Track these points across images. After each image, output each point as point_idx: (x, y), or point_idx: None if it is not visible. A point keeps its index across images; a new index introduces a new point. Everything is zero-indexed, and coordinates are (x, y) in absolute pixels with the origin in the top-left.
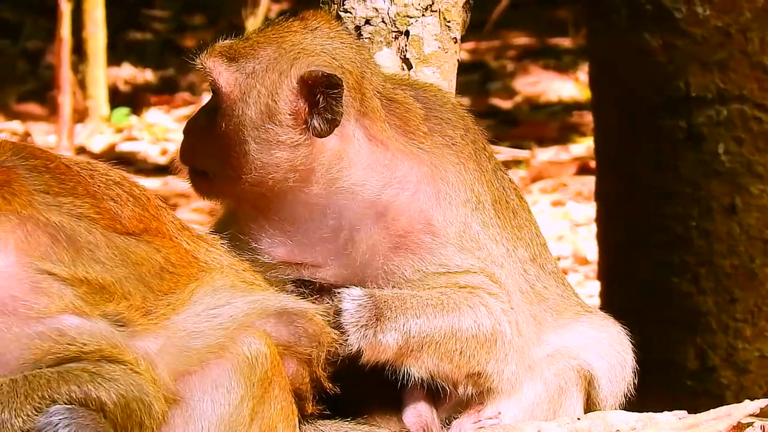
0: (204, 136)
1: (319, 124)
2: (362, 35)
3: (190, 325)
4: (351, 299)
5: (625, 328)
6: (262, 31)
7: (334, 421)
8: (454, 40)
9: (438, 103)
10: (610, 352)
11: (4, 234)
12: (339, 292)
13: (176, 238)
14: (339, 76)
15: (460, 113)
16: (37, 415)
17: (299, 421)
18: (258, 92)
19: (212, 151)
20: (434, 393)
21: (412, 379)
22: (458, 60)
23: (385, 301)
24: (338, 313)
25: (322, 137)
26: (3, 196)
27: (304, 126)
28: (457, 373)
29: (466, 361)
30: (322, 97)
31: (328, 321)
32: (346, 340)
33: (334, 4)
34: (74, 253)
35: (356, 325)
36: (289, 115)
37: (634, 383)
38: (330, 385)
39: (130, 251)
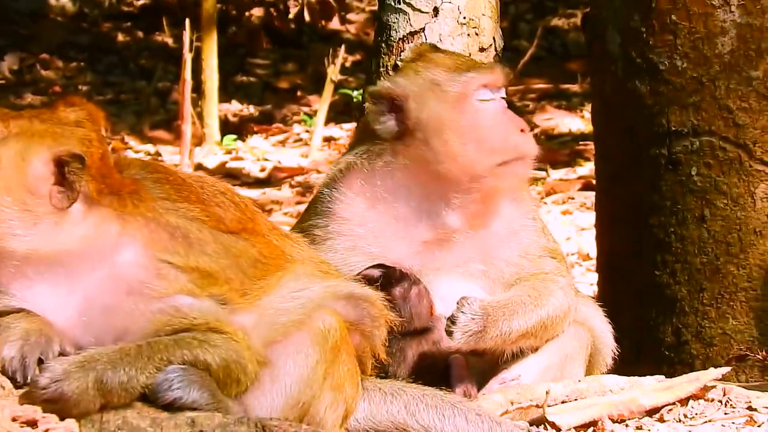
0: None
1: None
2: None
3: (277, 305)
4: (467, 312)
5: (617, 313)
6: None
7: (388, 380)
8: None
9: None
10: (605, 326)
11: (134, 231)
12: (461, 300)
13: (268, 235)
14: None
15: None
16: (157, 373)
17: (361, 380)
18: None
19: None
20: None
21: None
22: None
23: (493, 313)
24: (453, 319)
25: None
26: (133, 202)
27: None
28: (540, 343)
29: (549, 334)
30: None
31: (387, 305)
32: (453, 336)
33: (392, 55)
34: (187, 247)
35: (464, 333)
36: None
37: (620, 354)
38: (385, 356)
39: (231, 246)
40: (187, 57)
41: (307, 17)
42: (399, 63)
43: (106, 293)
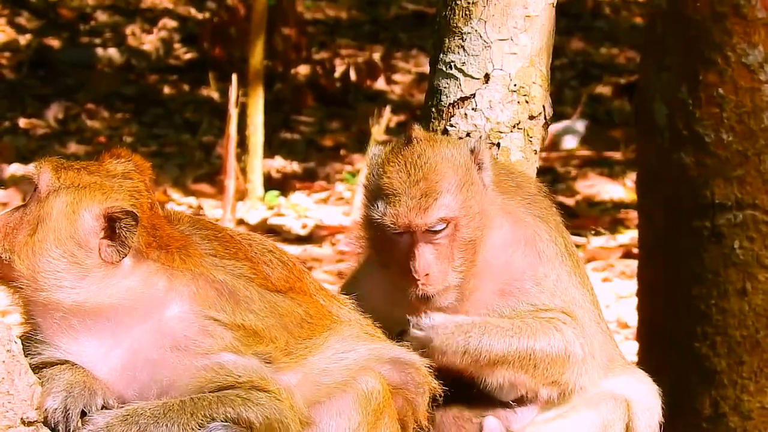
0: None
1: None
2: None
3: (322, 365)
4: (434, 317)
5: (656, 381)
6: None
7: None
8: (534, 151)
9: (516, 174)
10: (648, 400)
11: (181, 286)
12: (429, 313)
13: (314, 296)
14: None
15: (529, 178)
16: (199, 429)
17: None
18: None
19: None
20: (507, 404)
21: (492, 387)
22: (536, 167)
23: (461, 323)
24: (417, 324)
25: None
26: (181, 257)
27: None
28: (535, 383)
29: (541, 373)
30: None
31: (431, 372)
32: (432, 344)
33: (443, 119)
34: (234, 305)
35: (444, 337)
36: None
37: (660, 425)
38: (427, 423)
39: (278, 305)
40: (233, 112)
41: (353, 76)
42: (449, 128)
43: (151, 348)
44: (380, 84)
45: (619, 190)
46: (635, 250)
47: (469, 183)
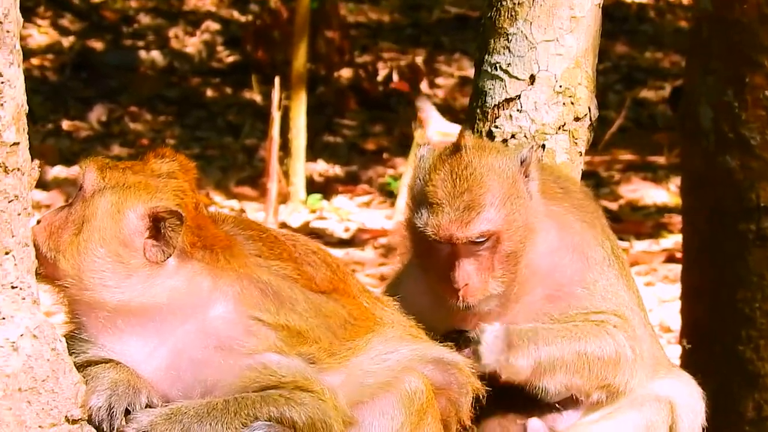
0: None
1: None
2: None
3: (365, 367)
4: (489, 332)
5: (699, 384)
6: None
7: None
8: (579, 153)
9: (563, 178)
10: (691, 402)
11: (225, 287)
12: (480, 326)
13: (358, 297)
14: None
15: (576, 183)
16: (243, 429)
17: None
18: None
19: None
20: (552, 406)
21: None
22: (581, 169)
23: (518, 333)
24: (477, 342)
25: None
26: (225, 257)
27: None
28: (588, 386)
29: (595, 376)
30: None
31: (474, 372)
32: (482, 363)
33: (488, 121)
34: (278, 305)
35: (491, 352)
36: None
37: (705, 429)
38: (471, 423)
39: (322, 306)
40: (276, 115)
41: (395, 80)
42: (493, 129)
43: (195, 347)
44: (423, 87)
45: (663, 194)
46: (678, 255)
47: (515, 196)
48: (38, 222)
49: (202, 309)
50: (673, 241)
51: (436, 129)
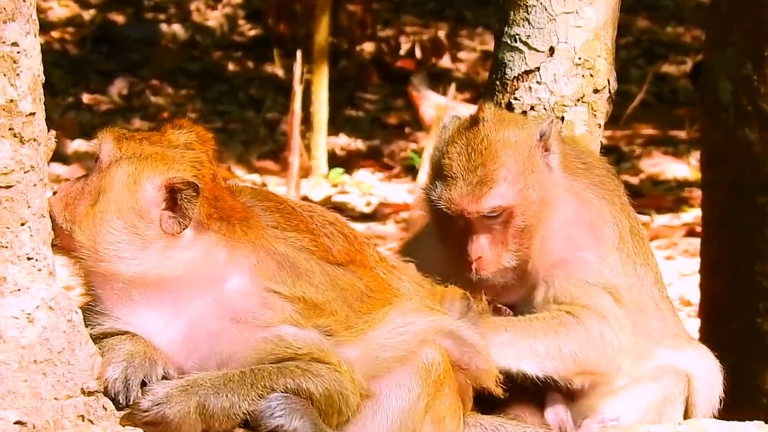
0: None
1: None
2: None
3: (382, 340)
4: None
5: (717, 358)
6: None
7: (489, 416)
8: (599, 125)
9: (586, 153)
10: (708, 375)
11: (242, 258)
12: None
13: (375, 268)
14: None
15: (598, 158)
16: (259, 400)
17: (462, 415)
18: None
19: None
20: (569, 397)
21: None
22: (600, 141)
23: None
24: None
25: None
26: (242, 229)
27: None
28: (566, 372)
29: (571, 361)
30: None
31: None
32: None
33: (507, 93)
34: (295, 277)
35: None
36: None
37: (722, 400)
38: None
39: (338, 278)
40: (297, 89)
41: (418, 54)
42: (513, 101)
43: (211, 319)
44: (445, 61)
45: (684, 168)
46: (698, 229)
47: (530, 170)
48: (54, 193)
49: (218, 281)
50: (693, 215)
51: (430, 106)
